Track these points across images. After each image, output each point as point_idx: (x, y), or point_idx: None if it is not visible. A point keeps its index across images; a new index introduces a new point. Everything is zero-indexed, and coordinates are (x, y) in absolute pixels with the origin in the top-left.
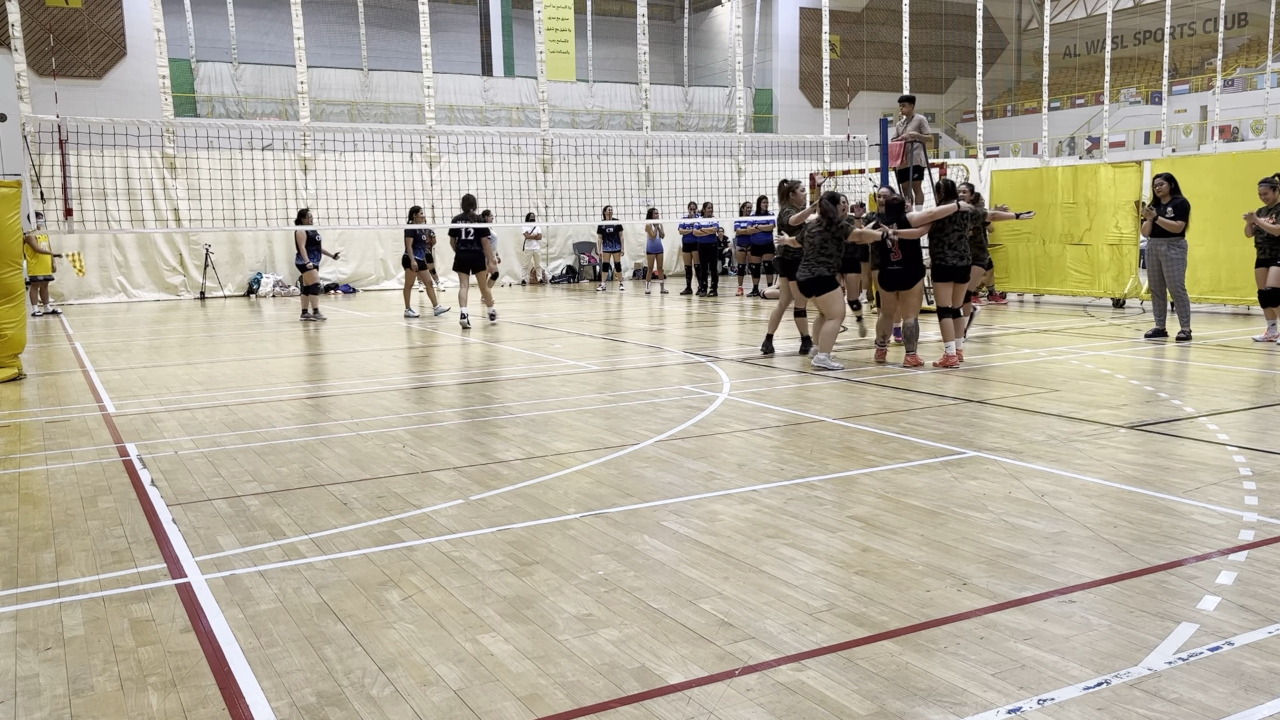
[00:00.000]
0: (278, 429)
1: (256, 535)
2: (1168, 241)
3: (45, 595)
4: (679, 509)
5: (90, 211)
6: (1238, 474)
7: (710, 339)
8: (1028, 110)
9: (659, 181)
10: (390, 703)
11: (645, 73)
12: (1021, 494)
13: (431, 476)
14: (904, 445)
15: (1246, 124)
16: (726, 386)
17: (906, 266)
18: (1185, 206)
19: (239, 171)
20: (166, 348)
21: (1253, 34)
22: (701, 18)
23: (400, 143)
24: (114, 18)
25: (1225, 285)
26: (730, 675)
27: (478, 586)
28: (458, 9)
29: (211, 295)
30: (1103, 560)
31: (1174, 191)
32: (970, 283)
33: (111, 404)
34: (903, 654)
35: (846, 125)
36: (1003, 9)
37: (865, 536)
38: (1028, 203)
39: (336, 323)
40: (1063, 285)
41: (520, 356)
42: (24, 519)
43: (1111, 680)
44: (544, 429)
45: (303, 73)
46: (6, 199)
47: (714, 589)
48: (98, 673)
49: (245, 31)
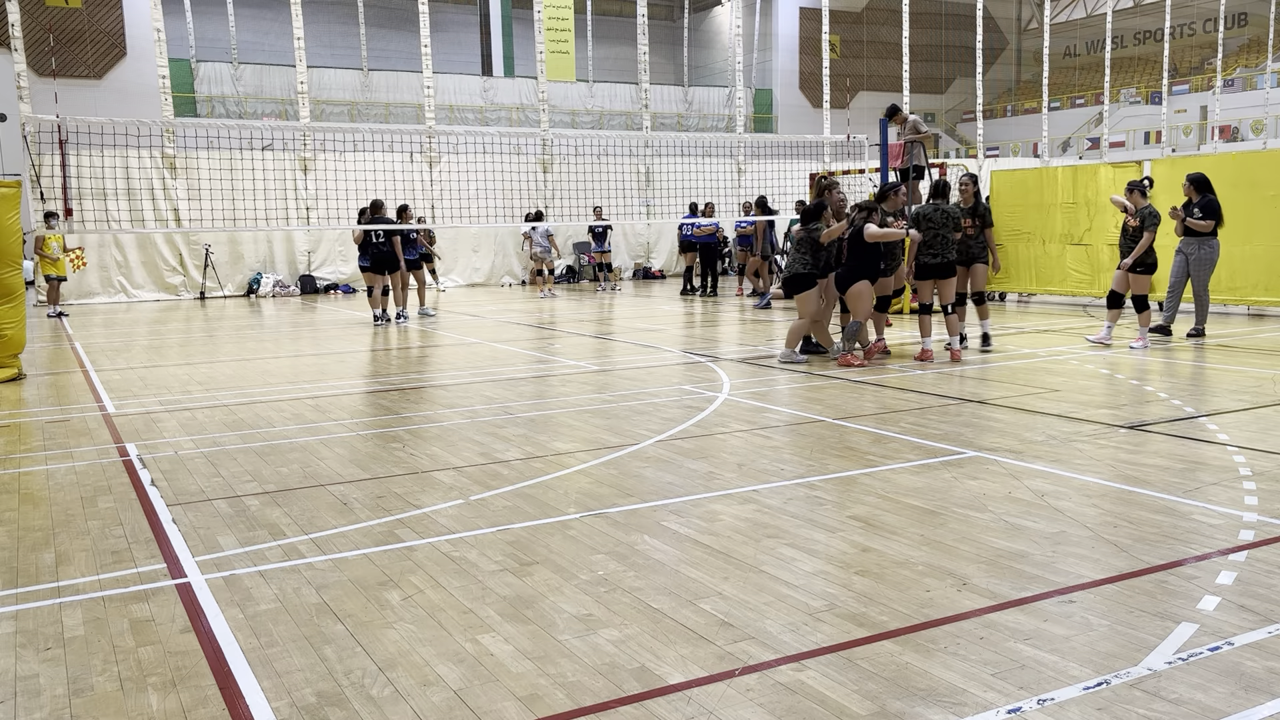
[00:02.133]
0: (278, 429)
1: (256, 535)
2: (1199, 241)
3: (45, 595)
4: (679, 509)
5: (90, 211)
6: (1238, 474)
7: (710, 339)
8: (1028, 110)
9: (659, 182)
10: (390, 703)
11: (645, 73)
12: (1021, 494)
13: (431, 476)
14: (904, 445)
15: (1246, 124)
16: (726, 386)
17: (849, 269)
18: (1213, 206)
19: (239, 171)
20: (166, 348)
21: (1253, 34)
22: (701, 18)
23: (400, 143)
24: (114, 18)
25: (1225, 285)
26: (730, 675)
27: (478, 586)
28: (458, 9)
29: (211, 295)
30: (1103, 560)
31: (1202, 191)
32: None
33: (111, 404)
34: (903, 654)
35: (846, 125)
36: (1003, 9)
37: (865, 536)
38: (1028, 203)
39: (336, 323)
40: (1063, 285)
41: (520, 356)
42: (24, 519)
43: (1111, 680)
44: (544, 429)
45: (303, 73)
46: (6, 199)
47: (714, 589)
48: (98, 673)
49: (245, 31)
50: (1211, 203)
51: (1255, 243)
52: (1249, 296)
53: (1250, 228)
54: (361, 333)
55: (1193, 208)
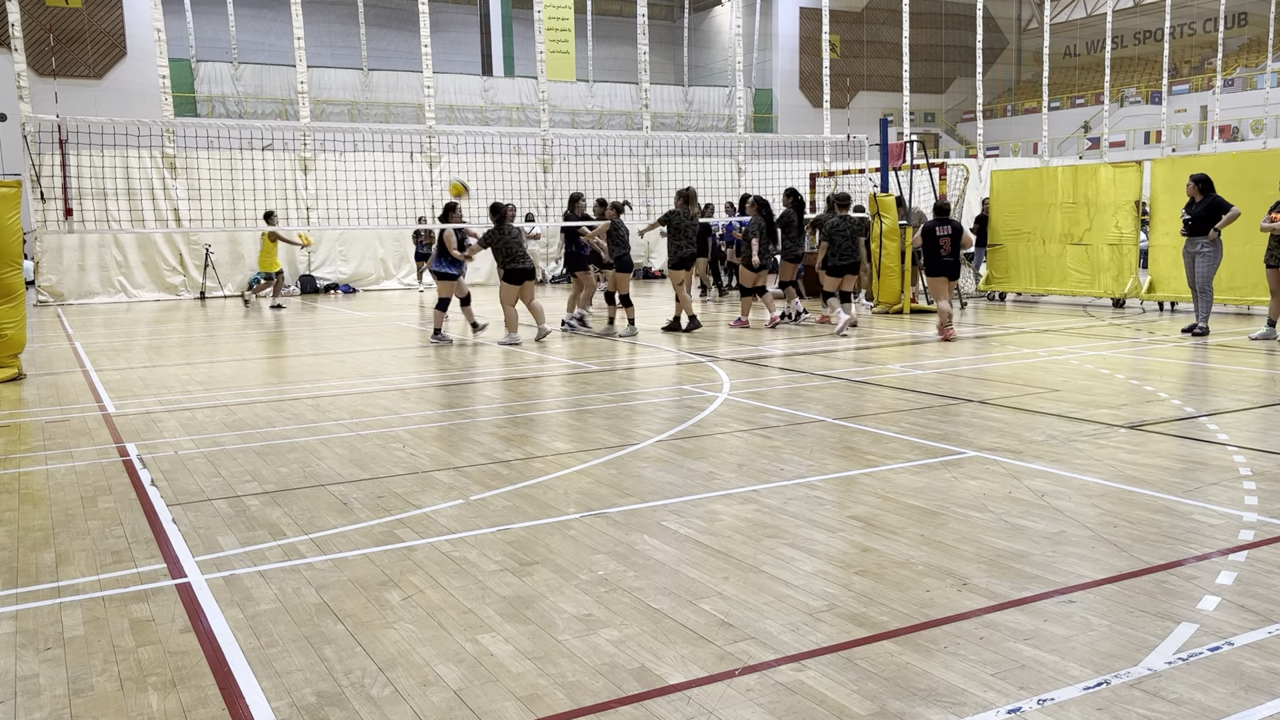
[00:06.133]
0: (278, 429)
1: (256, 535)
2: (1204, 239)
3: (45, 595)
4: (679, 509)
5: (90, 211)
6: (1238, 474)
7: (710, 339)
8: (1028, 110)
9: (659, 182)
10: (390, 703)
11: (645, 73)
12: (1021, 494)
13: (431, 476)
14: (904, 445)
15: (1246, 124)
16: (726, 386)
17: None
18: (1217, 204)
19: (239, 171)
20: (166, 347)
21: (1253, 34)
22: (701, 18)
23: (400, 143)
24: (114, 18)
25: (1226, 285)
26: (730, 675)
27: (478, 586)
28: (458, 9)
29: (211, 295)
30: (1103, 560)
31: (1205, 191)
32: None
33: (111, 404)
34: (903, 654)
35: (846, 125)
36: (1003, 9)
37: (865, 536)
38: (1028, 203)
39: (336, 323)
40: (1063, 285)
41: (519, 356)
42: (24, 519)
43: (1111, 680)
44: (544, 429)
45: (303, 73)
46: (6, 199)
47: (714, 589)
48: (98, 673)
49: (245, 31)
50: (1215, 203)
51: (1255, 243)
52: (1249, 297)
53: (1251, 228)
54: (362, 332)
55: (1195, 208)
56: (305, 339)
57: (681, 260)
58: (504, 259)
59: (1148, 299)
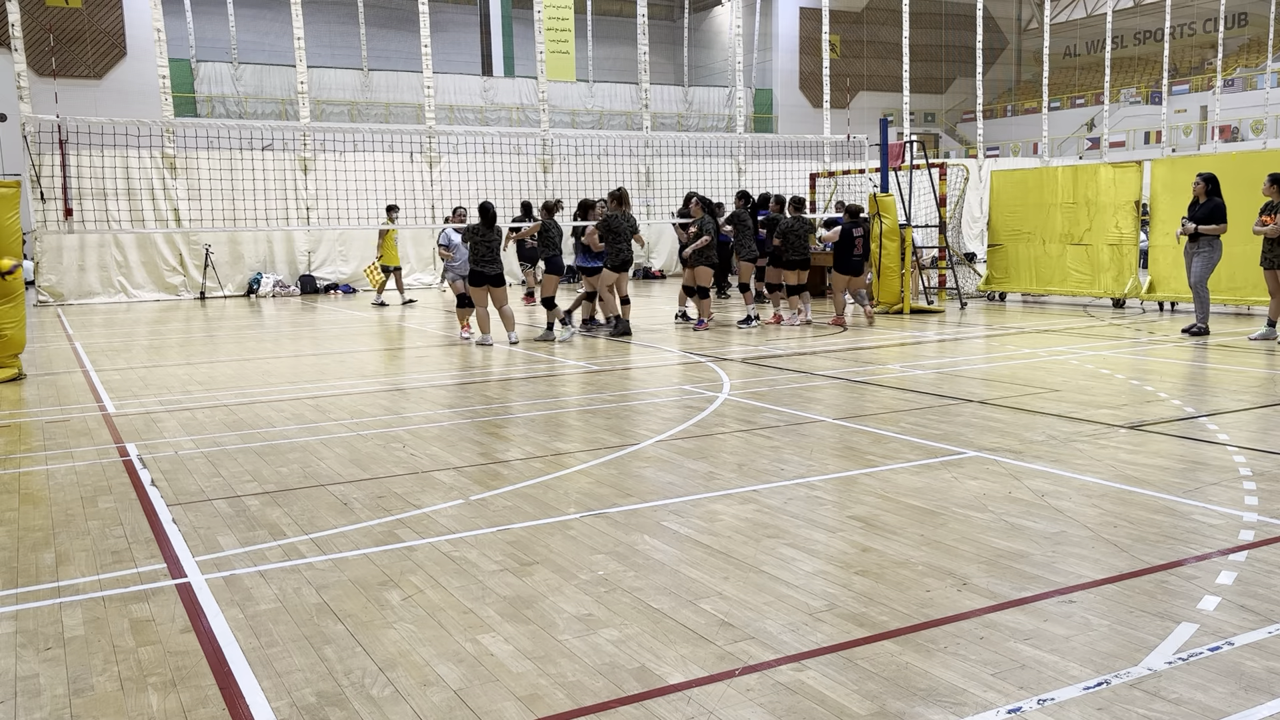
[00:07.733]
0: (278, 429)
1: (256, 535)
2: (1205, 239)
3: (45, 595)
4: (679, 509)
5: (90, 211)
6: (1238, 474)
7: (709, 338)
8: (1028, 110)
9: (659, 182)
10: (390, 703)
11: (645, 73)
12: (1021, 494)
13: (431, 476)
14: (904, 445)
15: (1246, 124)
16: (726, 386)
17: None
18: (1219, 208)
19: (239, 171)
20: (166, 348)
21: (1253, 34)
22: (701, 18)
23: (400, 143)
24: (114, 18)
25: (1226, 285)
26: (730, 675)
27: (478, 586)
28: (458, 9)
29: (211, 295)
30: (1103, 560)
31: (1211, 192)
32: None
33: (111, 404)
34: (903, 654)
35: (846, 125)
36: (1003, 9)
37: (865, 536)
38: (1028, 203)
39: (335, 323)
40: (1063, 285)
41: (519, 356)
42: (24, 519)
43: (1111, 680)
44: (544, 429)
45: (303, 73)
46: (6, 199)
47: (714, 589)
48: (98, 673)
49: (245, 31)
50: (1218, 205)
51: (1254, 243)
52: (1248, 297)
53: (1248, 229)
54: (362, 332)
55: (1198, 208)
56: (305, 339)
57: (624, 262)
58: (473, 259)
59: (1148, 299)
